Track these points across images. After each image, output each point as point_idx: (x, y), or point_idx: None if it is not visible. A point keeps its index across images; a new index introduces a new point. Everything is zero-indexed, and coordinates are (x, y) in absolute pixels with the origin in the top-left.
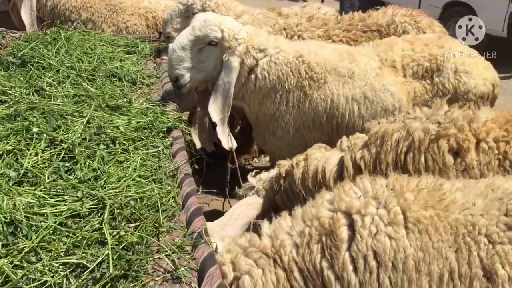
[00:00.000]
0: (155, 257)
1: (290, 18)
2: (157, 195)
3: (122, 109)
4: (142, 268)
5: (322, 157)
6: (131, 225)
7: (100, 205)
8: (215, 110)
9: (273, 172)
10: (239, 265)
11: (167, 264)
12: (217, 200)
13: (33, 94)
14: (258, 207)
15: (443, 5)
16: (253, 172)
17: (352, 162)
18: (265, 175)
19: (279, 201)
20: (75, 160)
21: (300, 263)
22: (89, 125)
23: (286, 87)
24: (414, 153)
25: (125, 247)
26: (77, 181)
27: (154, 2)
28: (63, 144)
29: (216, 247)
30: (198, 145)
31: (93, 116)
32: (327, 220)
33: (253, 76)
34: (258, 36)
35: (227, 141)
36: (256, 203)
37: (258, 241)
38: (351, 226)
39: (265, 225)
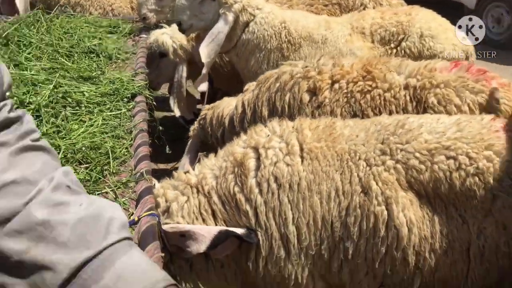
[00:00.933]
0: (102, 191)
1: None
2: (109, 145)
3: (94, 79)
4: None
5: (227, 102)
6: (82, 166)
7: (57, 151)
8: (204, 52)
9: None
10: (167, 196)
11: (112, 196)
12: None
13: (12, 68)
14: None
15: None
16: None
17: (241, 103)
18: None
19: (201, 136)
20: (40, 118)
21: (218, 190)
22: (56, 90)
23: (269, 47)
24: (281, 92)
25: None
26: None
27: None
28: (31, 106)
29: (155, 184)
30: (178, 113)
31: (61, 84)
32: (239, 155)
33: (247, 29)
34: None
35: (206, 85)
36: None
37: (184, 176)
38: (258, 158)
39: (196, 166)
